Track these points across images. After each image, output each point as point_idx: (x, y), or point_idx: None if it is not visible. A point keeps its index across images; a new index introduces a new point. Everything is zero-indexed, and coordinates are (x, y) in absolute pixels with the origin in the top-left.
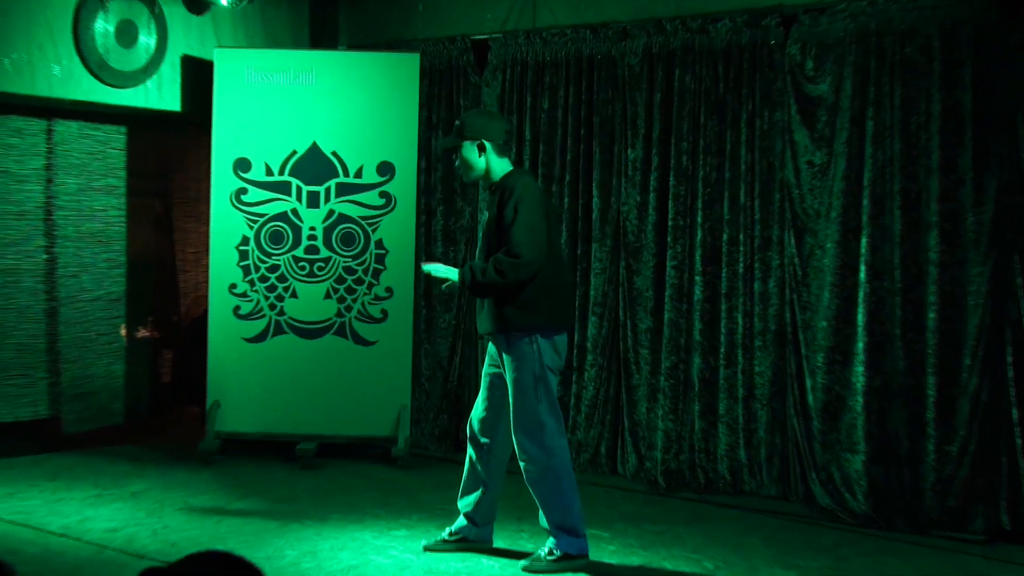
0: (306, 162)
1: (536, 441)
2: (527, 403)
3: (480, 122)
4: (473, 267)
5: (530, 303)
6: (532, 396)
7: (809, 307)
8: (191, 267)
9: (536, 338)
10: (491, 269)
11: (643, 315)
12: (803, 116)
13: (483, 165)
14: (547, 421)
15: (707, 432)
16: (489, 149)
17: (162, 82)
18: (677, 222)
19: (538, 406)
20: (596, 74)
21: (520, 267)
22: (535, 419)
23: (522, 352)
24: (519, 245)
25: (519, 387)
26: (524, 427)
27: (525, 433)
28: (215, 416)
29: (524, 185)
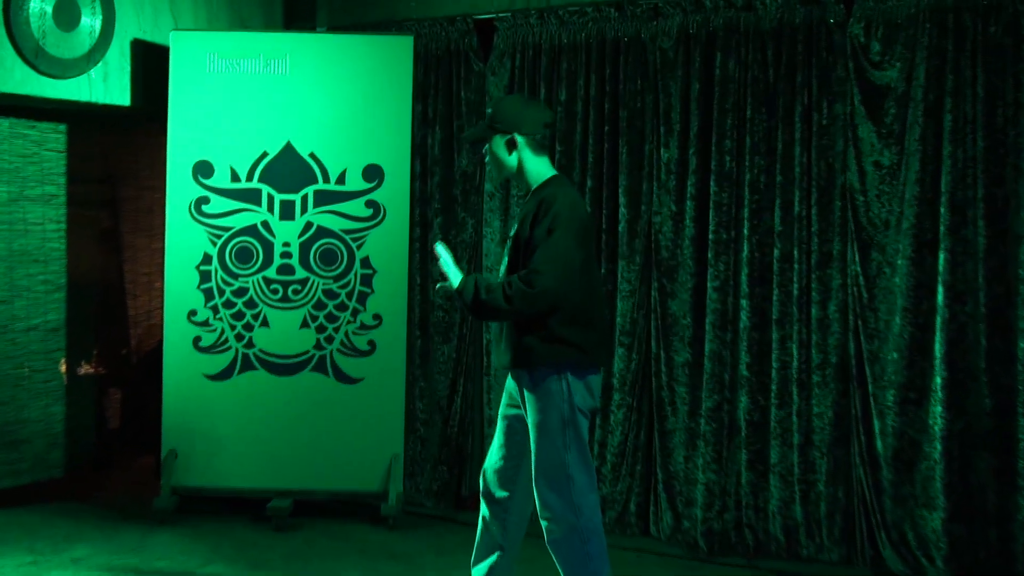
0: (279, 166)
1: (562, 496)
2: (553, 451)
3: (513, 111)
4: (479, 281)
5: (560, 336)
6: (559, 443)
7: (877, 336)
8: (143, 291)
9: (566, 376)
10: (499, 291)
11: (680, 346)
12: (868, 108)
13: (515, 164)
14: (576, 473)
15: (756, 485)
16: (522, 145)
17: (108, 71)
18: (719, 235)
19: (566, 455)
20: (623, 60)
21: (531, 297)
22: (561, 470)
23: (548, 391)
24: (537, 274)
25: (544, 431)
26: (548, 479)
27: (549, 486)
28: (172, 468)
29: (565, 201)
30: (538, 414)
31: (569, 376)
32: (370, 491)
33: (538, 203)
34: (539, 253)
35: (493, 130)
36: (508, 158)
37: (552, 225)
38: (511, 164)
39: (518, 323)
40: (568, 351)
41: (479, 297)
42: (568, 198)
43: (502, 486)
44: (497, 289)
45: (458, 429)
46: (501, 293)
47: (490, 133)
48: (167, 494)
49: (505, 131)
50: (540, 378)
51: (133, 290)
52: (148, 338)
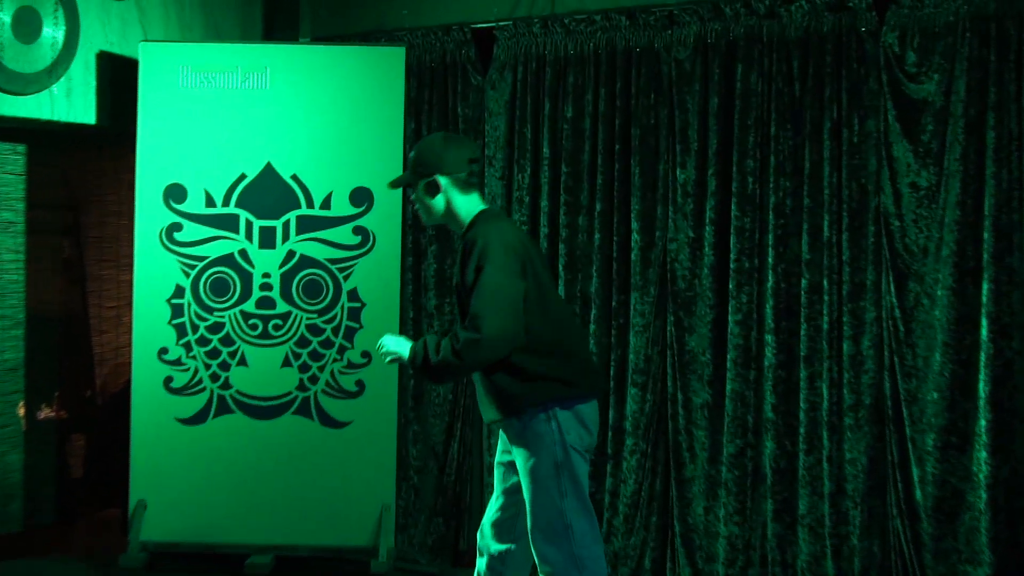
0: (258, 189)
1: (562, 549)
2: (547, 500)
3: (432, 152)
4: (427, 343)
5: (536, 372)
6: (554, 490)
7: (915, 374)
8: (109, 326)
9: (554, 412)
10: (447, 347)
11: (698, 386)
12: (904, 125)
13: (442, 206)
14: (575, 522)
15: (784, 538)
16: (447, 186)
17: (72, 86)
18: (741, 264)
19: (562, 502)
20: (634, 72)
21: (480, 345)
22: (559, 520)
23: (538, 434)
24: (479, 318)
25: (536, 479)
26: (544, 531)
27: (547, 539)
28: (140, 521)
29: (492, 234)
30: (529, 459)
31: (557, 412)
32: (359, 546)
33: (463, 245)
34: (475, 296)
35: (417, 175)
36: (434, 202)
37: (480, 263)
38: (438, 208)
39: (489, 373)
40: (550, 386)
41: (429, 362)
42: (495, 230)
43: (499, 539)
44: (445, 346)
45: (455, 477)
46: (450, 349)
47: (414, 179)
48: (135, 550)
49: (426, 174)
50: (527, 421)
51: (98, 326)
52: (115, 378)
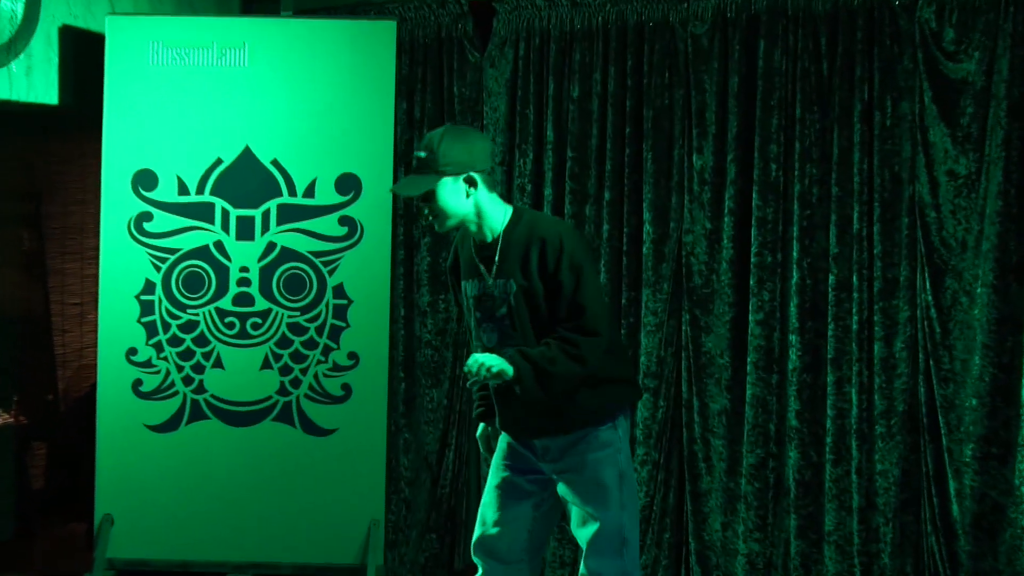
0: (235, 175)
1: (615, 566)
2: (609, 514)
3: (459, 147)
4: (530, 355)
5: (606, 375)
6: (616, 503)
7: (952, 379)
8: (73, 325)
9: (619, 420)
10: (561, 355)
11: (716, 391)
12: (941, 107)
13: (472, 208)
14: (630, 536)
15: (808, 556)
16: (480, 184)
17: (32, 64)
18: (763, 258)
19: (623, 516)
20: (647, 49)
21: (600, 346)
22: (617, 536)
23: (603, 443)
24: (596, 319)
25: (600, 493)
26: (602, 548)
27: (602, 555)
28: (107, 537)
29: (561, 231)
30: (591, 470)
31: (621, 420)
32: (345, 564)
33: (527, 246)
34: (582, 297)
35: (442, 174)
36: (464, 203)
37: (575, 262)
38: (468, 209)
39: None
40: (618, 389)
41: (548, 373)
42: (563, 227)
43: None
44: (558, 354)
45: (450, 490)
46: (570, 355)
47: (438, 179)
48: (101, 568)
49: (457, 172)
50: (596, 431)
51: (61, 324)
52: (79, 381)
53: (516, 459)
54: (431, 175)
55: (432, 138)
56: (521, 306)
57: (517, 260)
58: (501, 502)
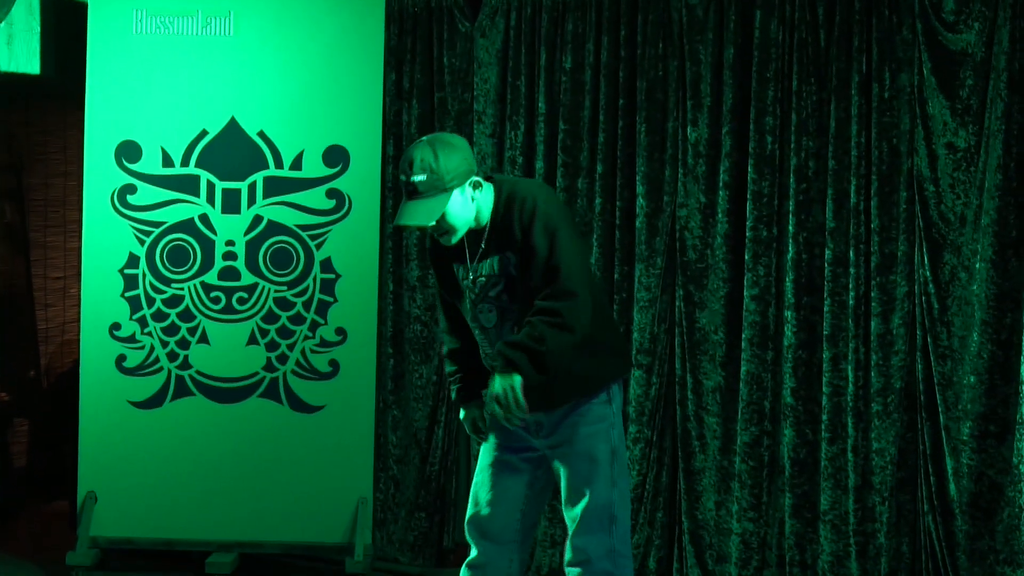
0: (221, 147)
1: (603, 542)
2: (599, 489)
3: (455, 156)
4: (519, 343)
5: (600, 344)
6: (607, 479)
7: (950, 355)
8: (56, 300)
9: (612, 392)
10: (547, 330)
11: (710, 367)
12: (940, 79)
13: (474, 212)
14: (619, 513)
15: (803, 536)
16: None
17: (13, 32)
18: (759, 233)
19: (612, 492)
20: (641, 19)
21: (582, 307)
22: (605, 512)
23: (598, 416)
24: (570, 279)
25: (591, 468)
26: (589, 523)
27: (590, 531)
28: (90, 515)
29: (530, 189)
30: (583, 444)
31: (615, 392)
32: (332, 543)
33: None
34: (558, 258)
35: (451, 190)
36: (469, 208)
37: (547, 224)
38: (472, 213)
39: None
40: (614, 362)
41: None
42: (537, 188)
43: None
44: (543, 330)
45: (439, 467)
46: (554, 326)
47: (448, 196)
48: (84, 546)
49: (463, 182)
50: (591, 403)
51: (43, 299)
52: (61, 357)
53: (508, 437)
54: (440, 195)
55: (423, 158)
56: (515, 280)
57: (504, 236)
58: (493, 481)
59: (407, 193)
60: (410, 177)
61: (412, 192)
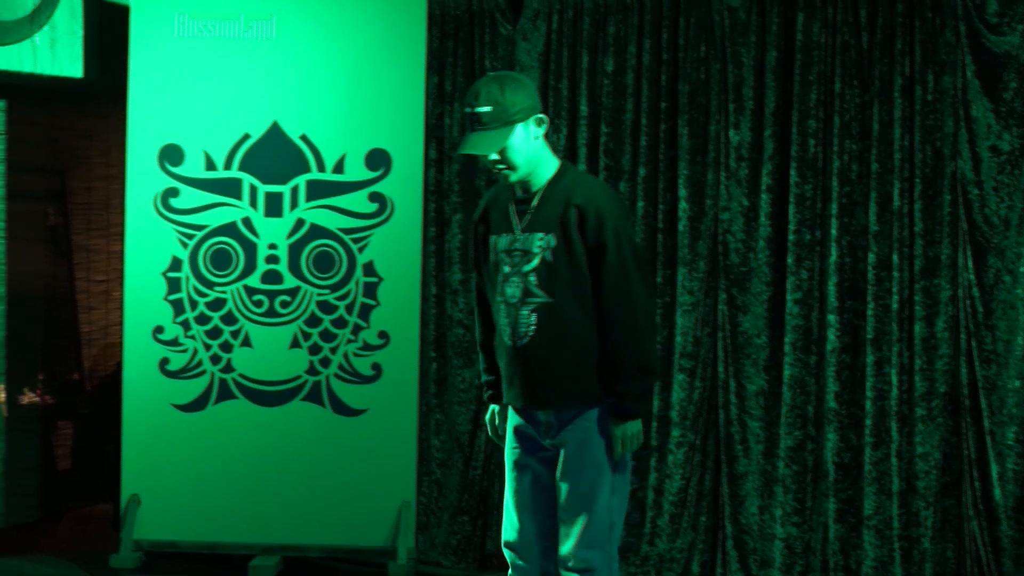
0: (263, 151)
1: (604, 550)
2: (600, 497)
3: (521, 91)
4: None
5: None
6: (608, 487)
7: (995, 359)
8: (99, 303)
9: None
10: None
11: (753, 371)
12: (984, 82)
13: (536, 153)
14: (617, 521)
15: (847, 541)
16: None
17: (57, 36)
18: (802, 236)
19: (612, 499)
20: (683, 22)
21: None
22: (606, 520)
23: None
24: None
25: (594, 474)
26: (597, 535)
27: (592, 542)
28: (133, 518)
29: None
30: (593, 450)
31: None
32: (375, 547)
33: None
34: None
35: (515, 122)
36: (532, 146)
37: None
38: (535, 154)
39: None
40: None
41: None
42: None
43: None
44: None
45: (482, 471)
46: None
47: (512, 128)
48: (128, 549)
49: (527, 117)
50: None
51: (86, 302)
52: (104, 360)
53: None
54: (504, 127)
55: (490, 90)
56: (559, 262)
57: (556, 217)
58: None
59: (471, 124)
60: (475, 108)
61: (476, 123)
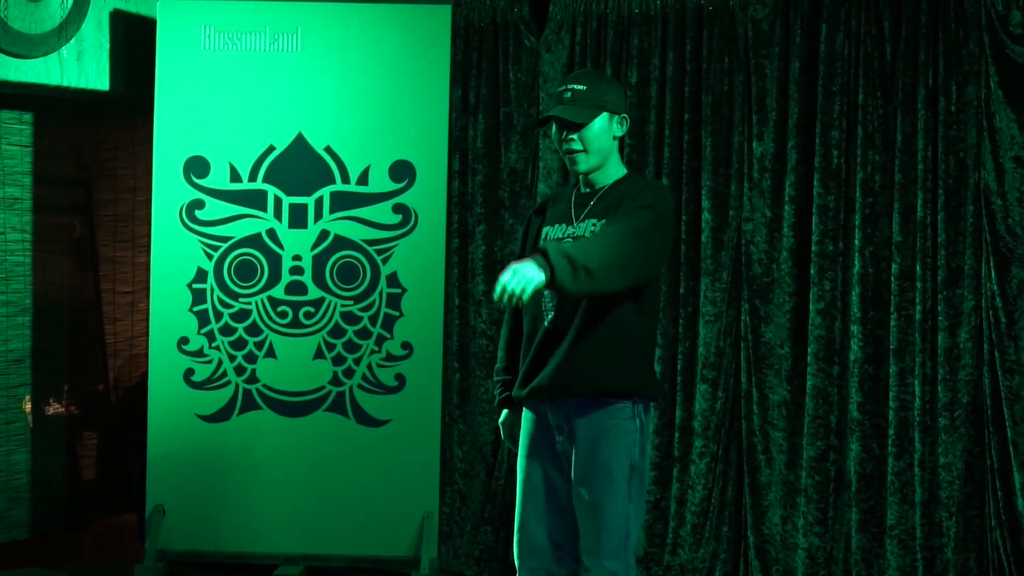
0: (288, 163)
1: (620, 558)
2: (618, 505)
3: (614, 88)
4: (567, 254)
5: (639, 351)
6: (625, 493)
7: (1018, 370)
8: (124, 314)
9: (646, 407)
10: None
11: (775, 381)
12: (1008, 92)
13: (609, 151)
14: (633, 528)
15: (870, 550)
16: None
17: (83, 49)
18: (825, 247)
19: (629, 506)
20: (707, 34)
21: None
22: (623, 528)
23: (624, 430)
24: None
25: (611, 480)
26: (615, 544)
27: (613, 552)
28: (158, 528)
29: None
30: (604, 457)
31: (640, 410)
32: (398, 556)
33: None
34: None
35: (603, 108)
36: (609, 143)
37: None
38: (607, 145)
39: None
40: (643, 374)
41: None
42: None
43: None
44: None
45: (505, 481)
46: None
47: (599, 112)
48: (152, 559)
49: (615, 111)
50: (616, 411)
51: (112, 313)
52: (130, 371)
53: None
54: (592, 108)
55: (589, 76)
56: None
57: (613, 207)
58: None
59: (560, 99)
60: (571, 84)
61: (567, 98)
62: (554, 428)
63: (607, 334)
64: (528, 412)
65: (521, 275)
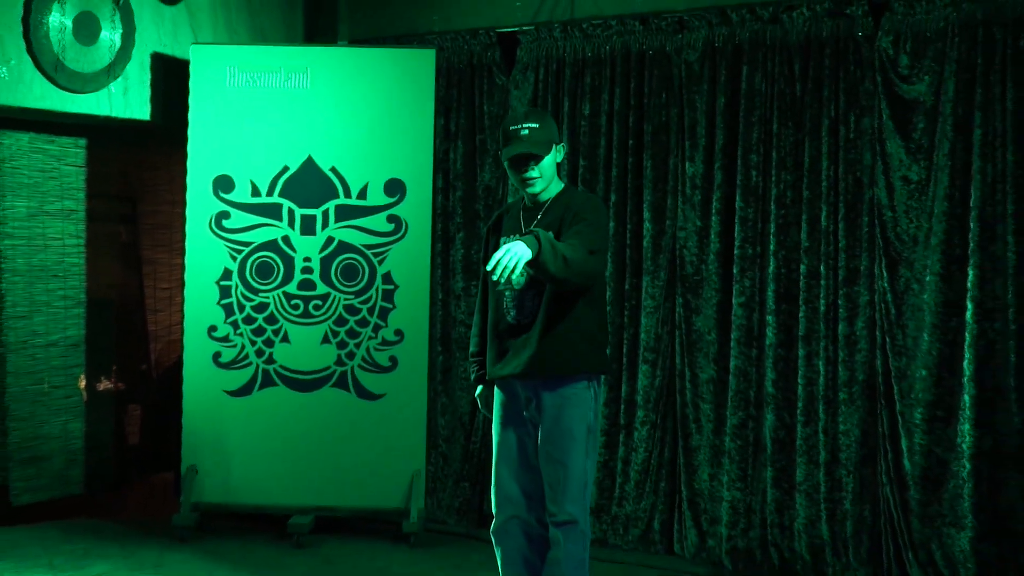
0: (300, 180)
1: (583, 508)
2: (578, 460)
3: (553, 124)
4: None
5: (600, 339)
6: (582, 450)
7: (905, 353)
8: (163, 306)
9: (599, 381)
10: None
11: (704, 362)
12: (897, 123)
13: (555, 173)
14: (591, 480)
15: (782, 503)
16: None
17: (128, 85)
18: (745, 250)
19: (587, 462)
20: (647, 73)
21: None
22: (583, 478)
23: (581, 398)
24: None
25: (572, 440)
26: (576, 491)
27: (574, 499)
28: (191, 484)
29: (592, 196)
30: (566, 421)
31: (594, 384)
32: (392, 508)
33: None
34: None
35: (554, 143)
36: (554, 166)
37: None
38: (553, 171)
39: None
40: (597, 355)
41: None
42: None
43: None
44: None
45: (480, 445)
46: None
47: (553, 145)
48: (187, 511)
49: (559, 142)
50: (572, 386)
51: (153, 305)
52: (168, 354)
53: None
54: (544, 144)
55: (535, 115)
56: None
57: (557, 219)
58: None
59: (517, 139)
60: (524, 124)
61: (522, 138)
62: (523, 400)
63: (566, 327)
64: (499, 389)
65: (513, 252)
